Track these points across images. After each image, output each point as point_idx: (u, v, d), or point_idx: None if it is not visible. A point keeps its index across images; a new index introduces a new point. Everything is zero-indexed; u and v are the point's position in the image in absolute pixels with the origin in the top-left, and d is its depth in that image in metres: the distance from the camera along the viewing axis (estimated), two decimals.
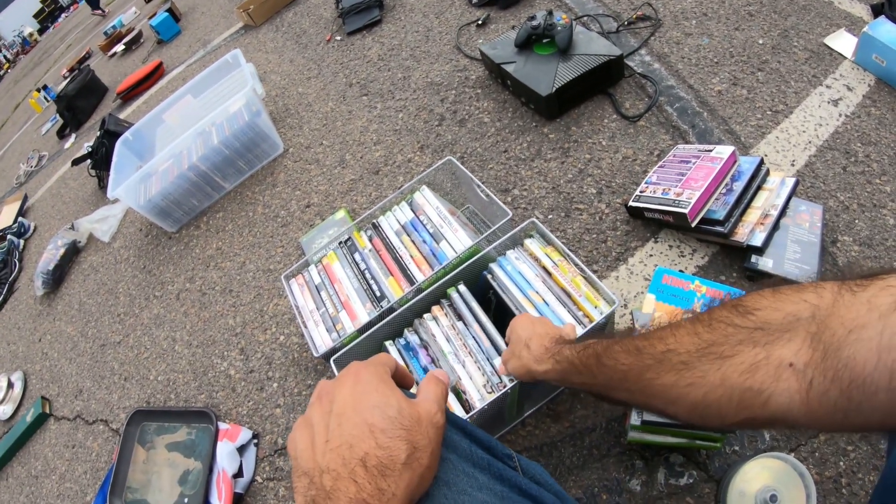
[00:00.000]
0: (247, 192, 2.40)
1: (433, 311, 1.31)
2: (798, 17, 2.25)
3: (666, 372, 0.63)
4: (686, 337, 0.62)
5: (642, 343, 0.67)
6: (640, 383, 0.67)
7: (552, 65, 1.99)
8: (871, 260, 1.44)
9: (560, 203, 1.76)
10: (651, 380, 0.65)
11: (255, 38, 3.52)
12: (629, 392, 0.71)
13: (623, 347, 0.70)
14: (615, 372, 0.71)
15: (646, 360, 0.66)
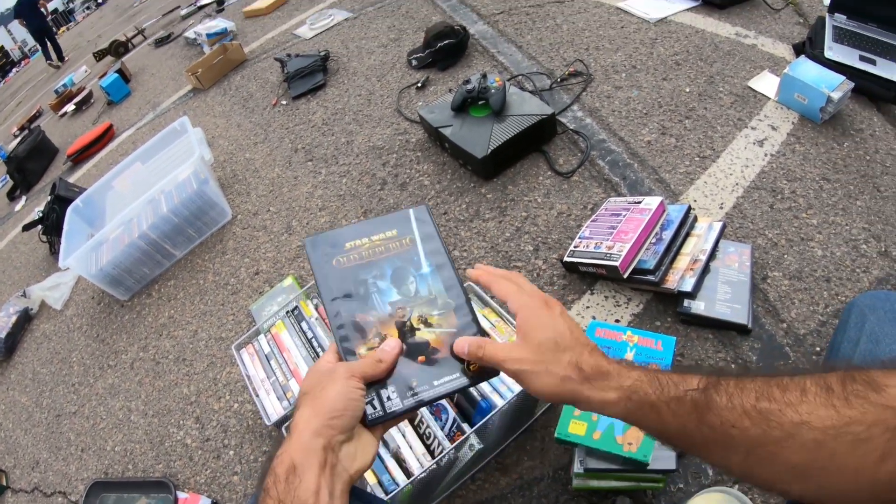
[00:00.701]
0: (197, 260, 2.41)
1: None
2: (723, 62, 2.36)
3: (796, 450, 0.52)
4: (822, 410, 0.52)
5: (766, 406, 0.54)
6: (756, 456, 0.55)
7: (487, 126, 2.07)
8: (801, 292, 1.50)
9: (499, 262, 1.81)
10: (773, 455, 0.54)
11: (204, 102, 3.56)
12: (731, 462, 0.58)
13: (734, 405, 0.56)
14: (722, 435, 0.57)
15: (773, 430, 0.53)
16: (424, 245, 0.80)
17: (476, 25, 3.09)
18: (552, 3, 3.11)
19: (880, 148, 1.89)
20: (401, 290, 0.77)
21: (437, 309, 0.76)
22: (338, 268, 0.77)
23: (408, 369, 0.72)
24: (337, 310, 0.75)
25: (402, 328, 0.75)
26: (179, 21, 5.71)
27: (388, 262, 0.79)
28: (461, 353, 0.72)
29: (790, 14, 2.68)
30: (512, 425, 1.35)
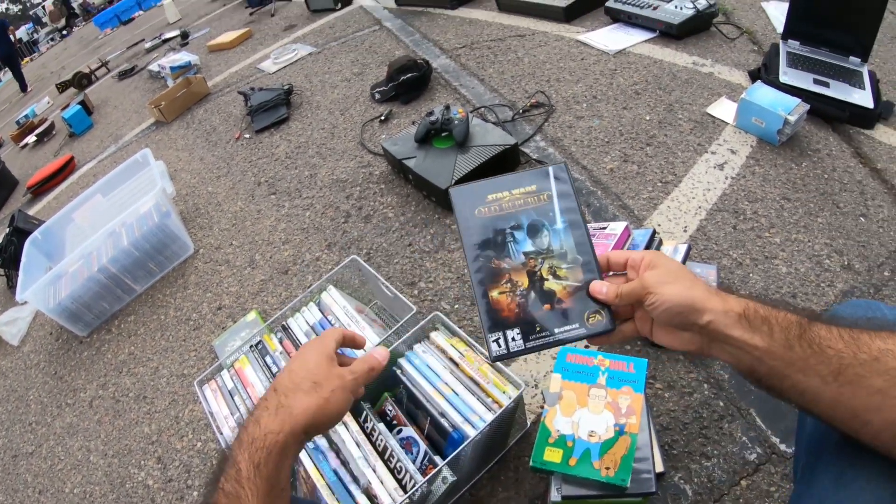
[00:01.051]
0: (158, 295, 2.36)
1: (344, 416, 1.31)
2: (681, 90, 2.40)
3: (877, 374, 0.57)
4: None
5: (857, 334, 0.60)
6: (844, 376, 0.59)
7: (451, 158, 2.07)
8: None
9: (465, 292, 1.79)
10: (859, 377, 0.58)
11: (166, 135, 3.52)
12: (824, 383, 0.61)
13: (830, 330, 0.62)
14: (819, 353, 0.61)
15: (862, 353, 0.59)
16: (560, 202, 0.84)
17: (439, 59, 3.12)
18: (513, 38, 3.16)
19: (837, 166, 1.94)
20: (535, 241, 0.82)
21: (567, 263, 0.81)
22: (479, 217, 0.83)
23: (534, 315, 0.78)
24: (476, 254, 0.81)
25: (533, 277, 0.80)
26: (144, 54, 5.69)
27: (526, 214, 0.83)
28: (598, 293, 0.77)
29: (745, 42, 2.74)
30: (485, 456, 1.33)
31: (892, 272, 1.61)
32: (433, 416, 1.21)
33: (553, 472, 1.09)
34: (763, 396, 1.34)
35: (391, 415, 1.29)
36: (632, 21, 2.96)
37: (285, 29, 4.48)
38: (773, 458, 1.24)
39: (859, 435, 0.61)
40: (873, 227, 1.74)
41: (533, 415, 1.43)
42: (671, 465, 1.26)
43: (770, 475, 1.22)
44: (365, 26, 3.94)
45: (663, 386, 1.40)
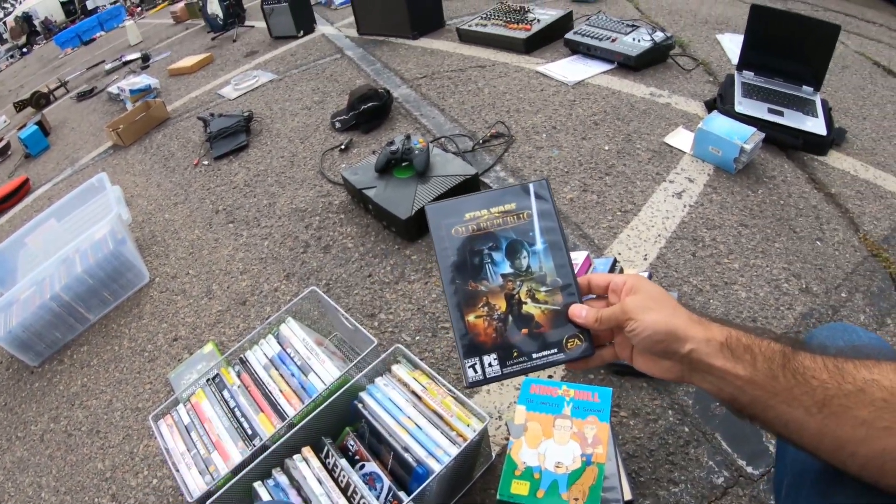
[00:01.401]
0: (112, 325, 2.28)
1: (303, 452, 1.27)
2: (639, 121, 2.44)
3: (863, 405, 0.56)
4: (891, 374, 0.57)
5: (844, 364, 0.60)
6: (829, 408, 0.59)
7: (411, 188, 2.05)
8: None
9: (426, 324, 1.77)
10: (844, 408, 0.58)
11: (124, 159, 3.45)
12: (808, 414, 0.60)
13: (815, 360, 0.61)
14: (803, 384, 0.61)
15: (846, 384, 0.58)
16: (541, 221, 0.82)
17: (400, 89, 3.13)
18: (473, 68, 3.19)
19: (793, 192, 1.99)
20: (513, 263, 0.80)
21: (546, 286, 0.79)
22: (456, 236, 0.80)
23: (511, 339, 0.76)
24: (452, 276, 0.78)
25: (511, 300, 0.78)
26: (104, 76, 5.59)
27: (504, 234, 0.81)
28: (577, 317, 0.76)
29: (701, 73, 2.81)
30: (450, 490, 1.30)
31: (849, 294, 1.65)
32: (396, 451, 1.18)
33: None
34: (728, 420, 1.35)
35: (353, 450, 1.26)
36: (590, 53, 3.01)
37: (247, 55, 4.45)
38: (740, 480, 1.25)
39: (845, 466, 0.60)
40: (829, 250, 1.79)
41: (497, 447, 1.40)
42: (639, 493, 1.25)
43: (738, 498, 1.22)
44: (326, 54, 3.94)
45: (628, 413, 1.40)
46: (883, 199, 1.98)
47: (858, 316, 1.59)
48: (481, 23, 3.52)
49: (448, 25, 3.94)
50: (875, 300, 1.63)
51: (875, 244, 1.81)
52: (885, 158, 2.18)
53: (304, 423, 1.28)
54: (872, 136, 2.32)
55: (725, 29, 3.37)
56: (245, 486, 1.26)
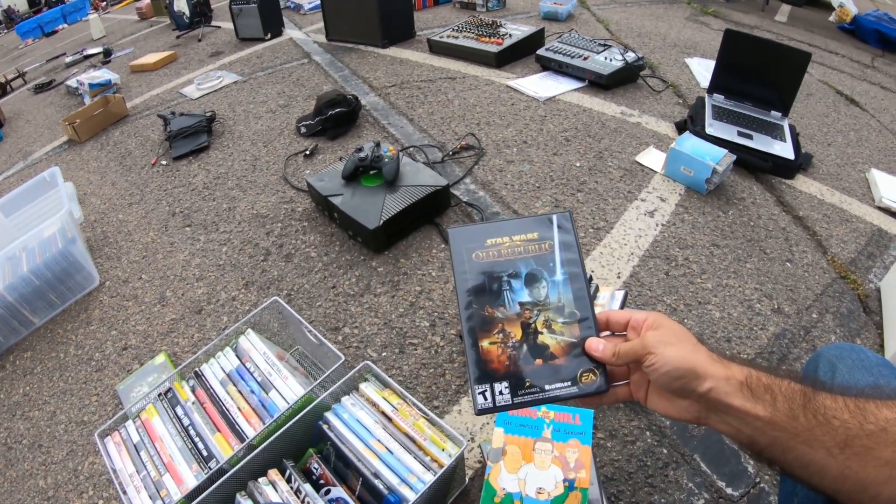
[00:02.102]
0: (58, 330, 2.16)
1: (270, 476, 1.20)
2: (610, 139, 2.44)
3: (885, 445, 0.55)
4: None
5: (865, 403, 0.58)
6: (851, 448, 0.57)
7: (379, 197, 2.00)
8: None
9: (393, 339, 1.71)
10: (867, 449, 0.56)
11: (79, 155, 3.31)
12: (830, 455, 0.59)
13: (836, 400, 0.60)
14: (824, 424, 0.59)
15: (868, 423, 0.57)
16: (562, 252, 0.82)
17: (368, 97, 3.08)
18: (443, 79, 3.16)
19: (762, 214, 2.02)
20: (532, 292, 0.79)
21: (563, 317, 0.78)
22: (476, 261, 0.81)
23: (524, 369, 0.75)
24: (468, 300, 0.78)
25: (527, 329, 0.77)
26: (63, 69, 5.41)
27: (525, 262, 0.81)
28: (594, 351, 0.74)
29: (671, 95, 2.84)
30: None
31: (819, 314, 1.67)
32: (366, 477, 1.12)
33: None
34: (706, 441, 1.34)
35: (317, 473, 1.19)
36: (562, 70, 3.02)
37: (212, 55, 4.35)
38: (720, 502, 1.23)
39: None
40: (799, 271, 1.81)
41: (471, 470, 1.35)
42: None
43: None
44: (293, 58, 3.87)
45: (605, 435, 1.37)
46: (849, 223, 2.03)
47: (829, 336, 1.61)
48: (453, 35, 3.50)
49: (419, 36, 3.92)
50: (845, 321, 1.66)
51: (843, 266, 1.85)
52: (850, 184, 2.24)
53: (265, 445, 1.20)
54: (837, 161, 2.38)
55: (694, 53, 3.43)
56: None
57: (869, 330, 1.64)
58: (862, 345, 1.55)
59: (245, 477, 1.20)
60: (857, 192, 2.20)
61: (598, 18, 4.16)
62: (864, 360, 0.81)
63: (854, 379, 0.80)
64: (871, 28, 4.14)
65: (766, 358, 1.53)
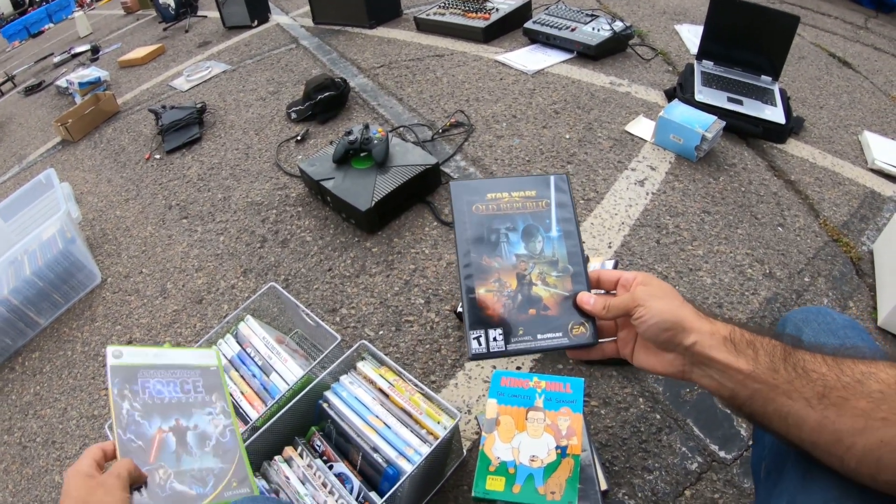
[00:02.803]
0: (64, 329, 2.18)
1: (286, 452, 1.22)
2: (600, 109, 2.44)
3: (861, 396, 0.58)
4: (887, 369, 0.58)
5: (840, 359, 0.62)
6: (829, 398, 0.60)
7: (370, 178, 2.01)
8: None
9: (390, 317, 1.73)
10: (843, 399, 0.59)
11: (73, 155, 3.32)
12: (808, 405, 0.62)
13: (814, 356, 0.63)
14: (803, 376, 0.62)
15: (845, 375, 0.60)
16: (558, 211, 0.86)
17: (357, 79, 3.07)
18: (431, 57, 3.14)
19: (753, 179, 2.02)
20: (528, 245, 0.84)
21: (557, 271, 0.82)
22: (476, 213, 0.85)
23: (518, 317, 0.79)
24: (467, 249, 0.83)
25: (522, 280, 0.82)
26: (52, 69, 5.38)
27: (522, 217, 0.86)
28: (585, 304, 0.78)
29: (660, 63, 2.82)
30: (422, 489, 1.27)
31: (811, 278, 1.68)
32: (365, 452, 1.15)
33: (496, 500, 1.05)
34: (698, 406, 1.35)
35: (320, 450, 1.22)
36: (550, 42, 3.00)
37: (199, 45, 4.33)
38: (713, 465, 1.25)
39: (843, 462, 0.61)
40: (791, 235, 1.81)
41: (469, 441, 1.38)
42: (614, 482, 1.24)
43: (713, 483, 1.22)
44: (281, 44, 3.85)
45: (599, 403, 1.39)
46: (841, 186, 2.02)
47: (822, 299, 1.61)
48: (439, 12, 3.47)
49: (405, 14, 3.89)
50: (837, 284, 1.66)
51: (835, 229, 1.84)
52: (843, 146, 2.23)
53: (267, 426, 1.23)
54: (829, 124, 2.37)
55: (683, 20, 3.40)
56: None
57: (861, 292, 1.65)
58: (855, 307, 1.58)
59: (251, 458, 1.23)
60: (850, 155, 2.19)
61: None
62: (830, 323, 0.83)
63: (820, 342, 0.81)
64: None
65: (759, 322, 1.54)
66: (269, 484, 1.20)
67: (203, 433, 0.87)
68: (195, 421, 0.90)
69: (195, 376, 0.95)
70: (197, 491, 0.81)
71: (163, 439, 0.85)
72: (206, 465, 0.83)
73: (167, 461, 0.83)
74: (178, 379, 0.94)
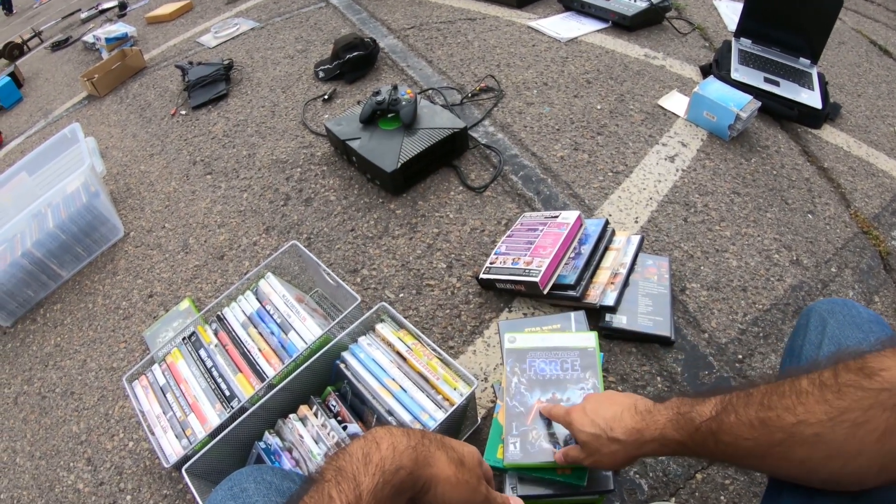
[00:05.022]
0: (86, 282, 2.20)
1: (301, 411, 1.23)
2: (633, 81, 2.39)
3: (798, 446, 0.60)
4: (816, 406, 0.59)
5: (765, 415, 0.63)
6: (769, 458, 0.64)
7: (397, 140, 1.99)
8: (719, 302, 1.53)
9: (411, 280, 1.72)
10: (782, 455, 0.62)
11: (99, 110, 3.32)
12: (755, 466, 0.72)
13: (741, 420, 0.65)
14: (738, 449, 0.67)
15: (774, 434, 0.62)
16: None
17: (386, 39, 3.03)
18: (463, 21, 3.09)
19: (786, 163, 1.97)
20: None
21: None
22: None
23: None
24: None
25: None
26: (79, 24, 5.37)
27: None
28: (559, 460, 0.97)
29: (696, 38, 2.76)
30: None
31: (838, 269, 1.64)
32: (380, 414, 1.15)
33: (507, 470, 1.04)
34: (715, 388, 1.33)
35: (335, 410, 1.23)
36: (584, 10, 2.94)
37: (228, 2, 4.28)
38: None
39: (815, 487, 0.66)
40: (820, 223, 1.77)
41: (483, 409, 1.38)
42: None
43: (724, 468, 1.21)
44: (311, 2, 3.80)
45: (616, 379, 1.38)
46: (875, 177, 1.98)
47: (847, 292, 1.58)
48: None
49: None
50: (864, 277, 1.63)
51: (866, 221, 1.80)
52: (879, 137, 2.17)
53: (284, 384, 1.23)
54: (867, 113, 2.30)
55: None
56: (234, 448, 1.23)
57: (888, 287, 1.62)
58: (880, 302, 1.55)
59: (266, 415, 1.23)
60: (886, 147, 2.13)
61: None
62: (856, 317, 0.83)
63: (844, 335, 0.82)
64: None
65: (782, 309, 1.52)
66: (283, 441, 1.21)
67: (574, 404, 0.97)
68: (568, 395, 1.06)
69: (574, 356, 1.10)
70: (556, 448, 0.98)
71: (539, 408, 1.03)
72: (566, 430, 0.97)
73: (539, 425, 1.02)
74: (559, 359, 1.11)
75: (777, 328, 1.47)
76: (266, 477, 0.82)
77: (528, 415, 1.03)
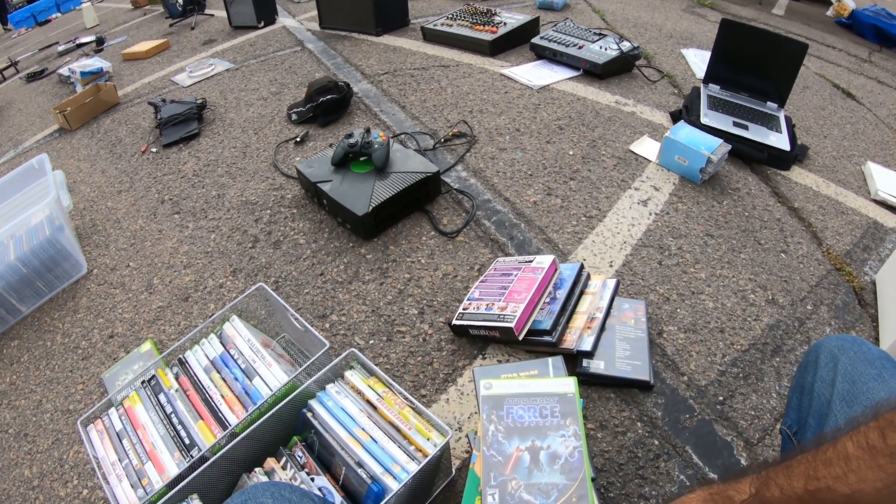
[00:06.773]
0: (45, 318, 2.13)
1: (268, 464, 1.17)
2: (604, 127, 2.42)
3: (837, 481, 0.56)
4: (870, 473, 0.54)
5: (814, 486, 0.58)
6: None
7: (369, 183, 1.97)
8: (697, 344, 1.51)
9: (381, 327, 1.68)
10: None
11: (69, 144, 3.28)
12: None
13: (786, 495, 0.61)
14: None
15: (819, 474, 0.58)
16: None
17: (360, 84, 3.05)
18: (437, 67, 3.13)
19: (757, 205, 2.00)
20: None
21: None
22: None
23: None
24: None
25: None
26: (56, 57, 5.36)
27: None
28: None
29: (665, 85, 2.81)
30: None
31: (814, 306, 1.66)
32: (349, 466, 1.10)
33: None
34: (698, 433, 1.32)
35: (301, 462, 1.17)
36: (556, 59, 2.99)
37: (204, 43, 4.30)
38: None
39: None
40: (794, 262, 1.80)
41: (458, 460, 1.33)
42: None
43: None
44: (286, 46, 3.83)
45: (595, 426, 1.35)
46: (844, 215, 2.01)
47: (824, 328, 1.59)
48: (447, 23, 3.46)
49: (413, 24, 3.89)
50: (839, 313, 1.64)
51: (838, 258, 1.83)
52: (846, 176, 2.22)
53: (247, 433, 1.17)
54: (833, 154, 2.36)
55: (690, 44, 3.40)
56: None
57: (864, 322, 1.63)
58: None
59: (228, 466, 1.18)
60: (853, 185, 2.18)
61: (594, 8, 4.12)
62: (867, 353, 0.83)
63: (858, 372, 0.80)
64: (868, 23, 4.12)
65: (760, 349, 1.51)
66: None
67: (554, 453, 0.97)
68: (549, 442, 1.01)
69: (553, 402, 1.06)
70: (540, 501, 0.93)
71: (519, 457, 0.99)
72: (552, 480, 0.94)
73: (520, 475, 0.97)
74: (538, 405, 1.06)
75: (756, 368, 1.46)
76: (284, 493, 0.80)
77: (507, 464, 0.98)
